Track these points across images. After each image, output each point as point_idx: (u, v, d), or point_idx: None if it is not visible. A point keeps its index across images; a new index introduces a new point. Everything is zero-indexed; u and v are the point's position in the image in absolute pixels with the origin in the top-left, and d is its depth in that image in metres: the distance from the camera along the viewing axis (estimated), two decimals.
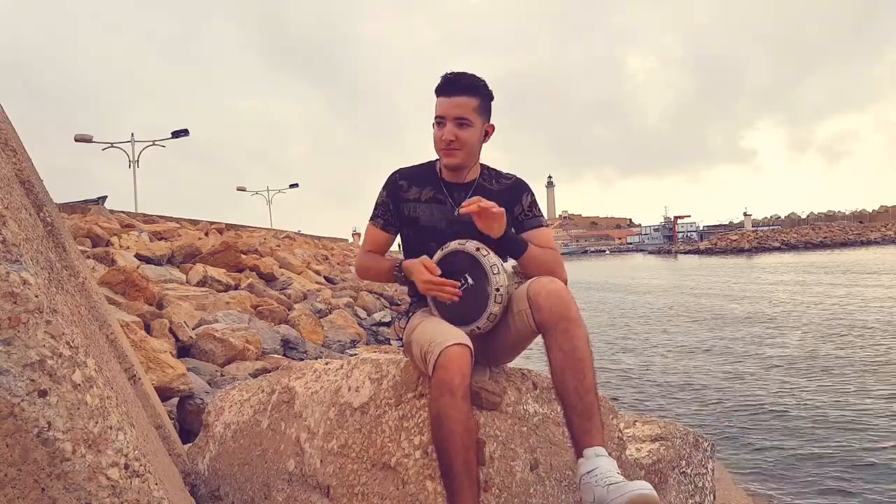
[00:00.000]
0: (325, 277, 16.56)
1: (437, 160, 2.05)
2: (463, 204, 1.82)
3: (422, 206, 2.01)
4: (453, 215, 1.94)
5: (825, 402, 6.91)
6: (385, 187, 2.06)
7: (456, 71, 1.95)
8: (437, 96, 1.94)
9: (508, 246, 1.87)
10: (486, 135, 1.99)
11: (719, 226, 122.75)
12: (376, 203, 2.07)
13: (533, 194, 2.06)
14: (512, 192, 2.02)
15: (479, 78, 1.95)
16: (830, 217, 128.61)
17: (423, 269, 1.85)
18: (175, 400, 4.21)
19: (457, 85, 1.91)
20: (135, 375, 2.15)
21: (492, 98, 1.97)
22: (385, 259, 2.07)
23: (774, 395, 7.31)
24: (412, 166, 2.09)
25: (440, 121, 1.93)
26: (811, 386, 7.67)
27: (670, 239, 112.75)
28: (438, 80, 1.94)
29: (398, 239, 2.12)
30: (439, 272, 1.84)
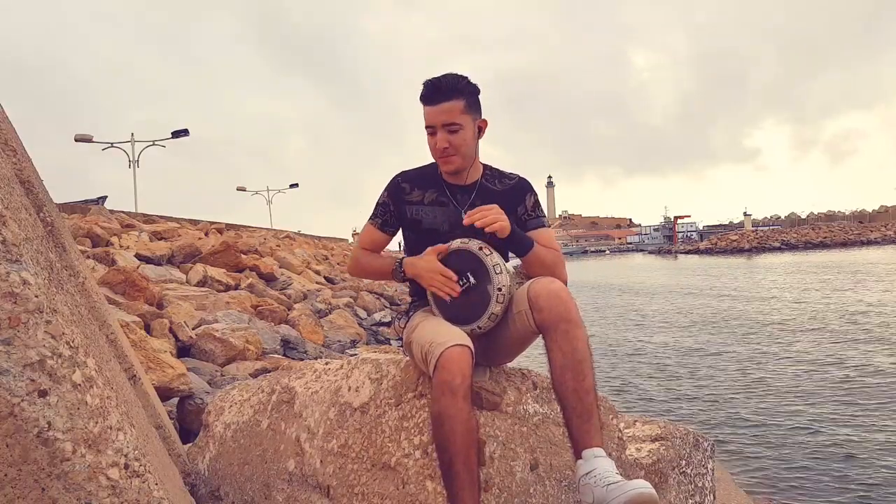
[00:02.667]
0: (325, 277, 16.56)
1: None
2: (466, 215, 1.83)
3: (425, 209, 2.01)
4: (460, 220, 1.92)
5: (826, 401, 6.92)
6: (387, 188, 2.05)
7: (436, 76, 1.91)
8: (423, 105, 1.91)
9: (515, 244, 1.87)
10: (480, 130, 1.97)
11: (719, 226, 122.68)
12: (377, 203, 2.07)
13: (536, 194, 2.06)
14: (515, 192, 2.02)
15: (459, 77, 1.91)
16: (830, 217, 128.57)
17: (434, 257, 1.86)
18: (175, 400, 4.20)
19: (439, 91, 1.88)
20: (135, 375, 2.15)
21: (478, 92, 1.94)
22: (384, 257, 2.07)
23: (774, 395, 7.31)
24: (415, 169, 2.08)
25: (430, 130, 1.91)
26: (812, 386, 7.68)
27: (670, 239, 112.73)
28: (421, 89, 1.91)
29: (396, 238, 2.12)
30: (446, 248, 1.85)
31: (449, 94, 1.88)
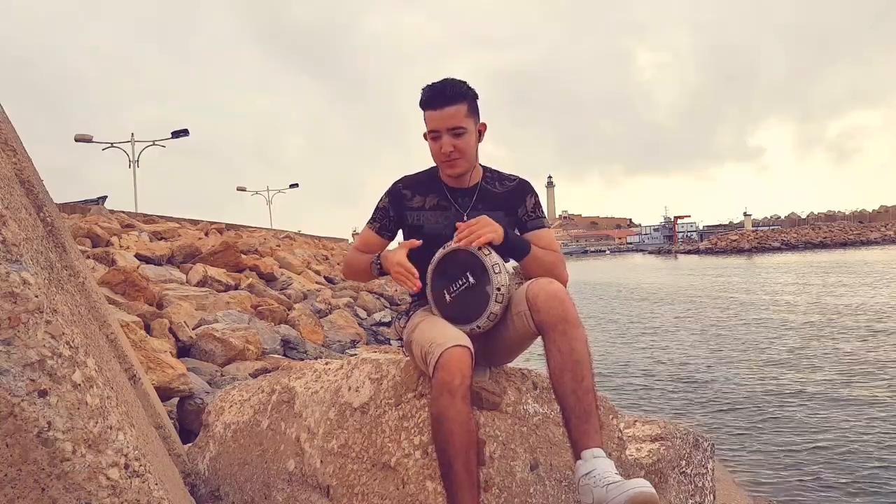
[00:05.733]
0: (325, 277, 16.56)
1: (437, 167, 2.04)
2: (454, 238, 1.83)
3: (426, 214, 2.01)
4: (460, 221, 1.92)
5: (826, 402, 6.91)
6: (387, 194, 2.06)
7: (437, 81, 1.92)
8: (425, 110, 1.92)
9: (511, 249, 1.88)
10: (480, 134, 1.99)
11: (719, 226, 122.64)
12: (376, 207, 2.08)
13: (536, 195, 2.07)
14: (515, 193, 2.04)
15: (461, 82, 1.93)
16: (830, 217, 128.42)
17: (403, 251, 1.88)
18: (175, 400, 4.21)
19: (443, 95, 1.89)
20: (135, 375, 2.15)
21: (477, 97, 1.96)
22: (367, 255, 2.06)
23: (775, 396, 7.31)
24: (415, 174, 2.09)
25: (435, 134, 1.91)
26: (812, 386, 7.67)
27: (670, 239, 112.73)
28: (421, 95, 1.92)
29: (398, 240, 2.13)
30: (419, 243, 1.89)
31: (453, 98, 1.89)
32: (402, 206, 2.03)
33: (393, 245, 2.19)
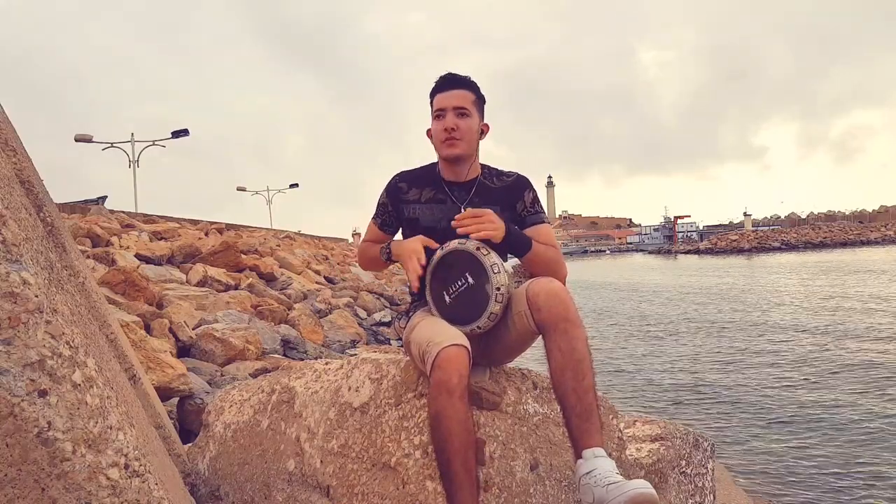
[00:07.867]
0: (325, 277, 16.56)
1: (437, 162, 2.06)
2: (455, 219, 1.84)
3: (422, 207, 2.03)
4: (456, 216, 1.94)
5: (825, 402, 6.92)
6: (385, 189, 2.10)
7: (449, 72, 2.03)
8: (435, 94, 2.00)
9: (513, 245, 1.88)
10: (482, 133, 2.03)
11: (719, 226, 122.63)
12: (377, 203, 2.13)
13: (534, 191, 2.08)
14: (513, 188, 2.05)
15: (471, 78, 2.03)
16: (830, 217, 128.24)
17: (419, 242, 1.91)
18: (175, 400, 4.21)
19: (454, 81, 1.99)
20: (135, 375, 2.15)
21: (485, 100, 2.05)
22: (378, 245, 2.13)
23: (775, 396, 7.31)
24: (413, 169, 2.12)
25: (440, 114, 1.98)
26: (812, 386, 7.68)
27: (670, 239, 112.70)
28: (433, 84, 2.01)
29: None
30: (436, 246, 1.90)
31: (463, 84, 1.99)
32: (398, 200, 2.06)
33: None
